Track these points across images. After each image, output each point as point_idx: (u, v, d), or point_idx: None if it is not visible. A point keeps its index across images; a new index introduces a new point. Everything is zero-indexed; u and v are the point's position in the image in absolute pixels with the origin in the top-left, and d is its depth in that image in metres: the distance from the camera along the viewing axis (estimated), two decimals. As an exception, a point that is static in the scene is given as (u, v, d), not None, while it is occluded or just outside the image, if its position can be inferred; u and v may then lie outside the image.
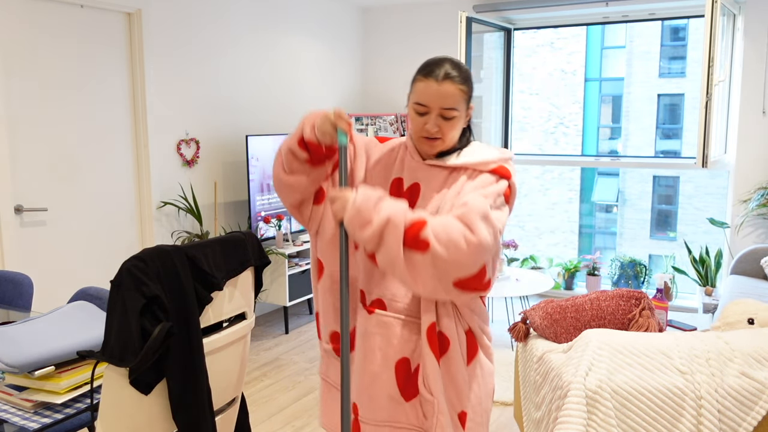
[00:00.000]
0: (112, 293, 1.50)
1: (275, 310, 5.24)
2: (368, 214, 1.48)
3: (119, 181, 3.92)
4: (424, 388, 1.59)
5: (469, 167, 1.61)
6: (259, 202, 4.54)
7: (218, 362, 1.79)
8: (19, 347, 1.71)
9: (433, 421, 1.59)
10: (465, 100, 1.59)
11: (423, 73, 1.58)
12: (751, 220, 4.74)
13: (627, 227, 17.66)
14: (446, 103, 1.55)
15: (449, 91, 1.55)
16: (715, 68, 3.98)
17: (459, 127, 1.61)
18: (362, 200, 1.49)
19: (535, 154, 14.84)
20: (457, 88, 1.56)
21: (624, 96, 18.08)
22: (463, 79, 1.57)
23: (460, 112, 1.58)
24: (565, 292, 5.57)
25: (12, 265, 3.33)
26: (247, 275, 1.86)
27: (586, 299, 2.44)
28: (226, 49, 4.55)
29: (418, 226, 1.46)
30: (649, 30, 17.54)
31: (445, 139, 1.59)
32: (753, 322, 2.30)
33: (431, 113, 1.57)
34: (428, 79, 1.55)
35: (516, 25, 5.63)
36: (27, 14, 3.37)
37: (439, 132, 1.58)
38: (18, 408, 1.67)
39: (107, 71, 3.80)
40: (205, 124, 4.43)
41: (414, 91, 1.59)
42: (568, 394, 1.99)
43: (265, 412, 3.40)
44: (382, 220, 1.47)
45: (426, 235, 1.45)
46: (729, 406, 1.97)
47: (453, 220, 1.47)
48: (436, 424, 1.59)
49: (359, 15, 5.99)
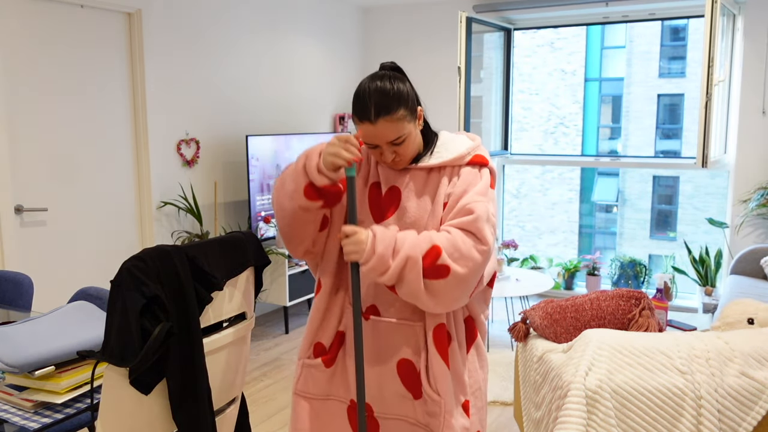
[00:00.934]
0: (112, 293, 1.50)
1: (275, 310, 5.24)
2: (387, 261, 1.47)
3: (119, 181, 3.92)
4: (430, 388, 1.60)
5: (447, 165, 1.62)
6: (259, 202, 4.54)
7: (218, 362, 1.79)
8: (19, 347, 1.71)
9: (440, 421, 1.59)
10: (408, 119, 1.55)
11: (357, 115, 1.55)
12: (751, 220, 4.74)
13: (627, 227, 17.66)
14: (390, 137, 1.54)
15: (388, 128, 1.52)
16: (715, 68, 3.98)
17: (414, 141, 1.60)
18: (382, 249, 1.47)
19: (535, 154, 14.84)
20: (394, 120, 1.52)
21: (624, 96, 18.08)
22: (397, 104, 1.52)
23: (408, 132, 1.56)
24: (565, 292, 5.57)
25: (12, 265, 3.33)
26: (247, 275, 1.86)
27: (586, 299, 2.44)
28: (226, 49, 4.55)
29: (434, 254, 1.47)
30: (649, 30, 17.54)
31: (405, 158, 1.60)
32: (753, 322, 2.30)
33: (381, 147, 1.57)
34: (363, 123, 1.53)
35: (516, 25, 5.63)
36: (27, 14, 3.37)
37: (396, 156, 1.58)
38: (18, 408, 1.67)
39: (107, 71, 3.80)
40: (205, 124, 4.43)
41: (358, 131, 1.57)
42: (568, 394, 1.99)
43: (265, 412, 3.40)
44: (401, 261, 1.47)
45: (443, 260, 1.46)
46: (729, 406, 1.97)
47: (461, 236, 1.49)
48: (444, 425, 1.59)
49: (359, 15, 5.99)
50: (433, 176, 1.62)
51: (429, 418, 1.62)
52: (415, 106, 1.59)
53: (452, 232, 1.50)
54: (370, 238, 1.48)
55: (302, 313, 5.18)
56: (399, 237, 1.49)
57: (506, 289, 4.25)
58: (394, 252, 1.48)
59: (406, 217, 1.61)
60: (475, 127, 5.48)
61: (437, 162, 1.61)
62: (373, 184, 1.67)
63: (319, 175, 1.51)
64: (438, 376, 1.58)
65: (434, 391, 1.59)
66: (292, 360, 4.15)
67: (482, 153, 1.63)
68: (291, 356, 4.22)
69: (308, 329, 1.73)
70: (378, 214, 1.64)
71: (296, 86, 5.26)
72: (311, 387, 1.73)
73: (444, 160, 1.61)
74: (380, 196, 1.65)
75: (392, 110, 1.51)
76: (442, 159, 1.61)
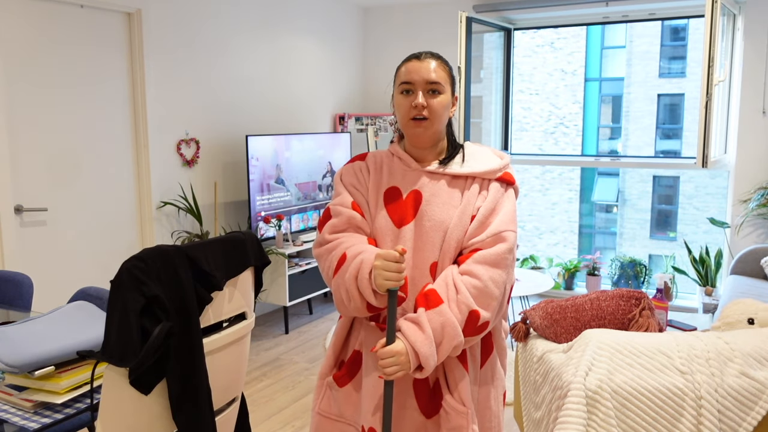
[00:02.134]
0: (112, 293, 1.50)
1: (275, 310, 5.24)
2: (433, 359, 1.48)
3: (119, 181, 3.92)
4: (453, 400, 1.55)
5: (477, 176, 1.60)
6: (259, 202, 4.54)
7: (218, 362, 1.79)
8: (19, 347, 1.71)
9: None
10: (449, 82, 1.60)
11: (405, 60, 1.61)
12: (751, 220, 4.74)
13: (627, 227, 17.66)
14: (431, 76, 1.56)
15: (433, 66, 1.57)
16: (715, 68, 3.98)
17: (445, 113, 1.60)
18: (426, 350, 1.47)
19: (535, 154, 14.83)
20: (440, 64, 1.59)
21: (624, 96, 18.07)
22: (445, 62, 1.62)
23: (446, 93, 1.58)
24: (565, 292, 5.57)
25: (12, 265, 3.33)
26: (247, 275, 1.86)
27: (586, 299, 2.44)
28: (226, 48, 4.55)
29: (473, 320, 1.49)
30: (649, 30, 17.53)
31: (433, 121, 1.57)
32: (753, 322, 2.30)
33: (417, 90, 1.56)
34: (410, 61, 1.59)
35: (516, 25, 5.63)
36: (27, 14, 3.37)
37: (427, 110, 1.56)
38: (18, 408, 1.67)
39: (107, 71, 3.80)
40: (205, 124, 4.43)
41: (398, 77, 1.61)
42: (568, 394, 1.99)
43: (265, 412, 3.40)
44: (446, 350, 1.50)
45: (482, 319, 1.51)
46: (729, 406, 1.97)
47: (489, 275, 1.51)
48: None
49: (359, 15, 5.99)
50: (458, 184, 1.60)
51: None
52: (454, 89, 1.63)
53: (482, 277, 1.51)
54: (410, 350, 1.48)
55: (302, 313, 5.18)
56: (435, 328, 1.48)
57: (506, 289, 4.25)
58: (438, 348, 1.49)
59: (425, 221, 1.57)
60: (475, 127, 5.48)
61: (467, 171, 1.60)
62: (390, 189, 1.63)
63: (377, 299, 1.51)
64: (460, 386, 1.55)
65: (459, 401, 1.55)
66: (292, 360, 4.15)
67: (512, 172, 1.64)
68: (291, 356, 4.22)
69: (332, 348, 1.70)
70: (397, 218, 1.60)
71: (296, 86, 5.26)
72: (333, 407, 1.70)
73: (475, 171, 1.60)
74: (400, 199, 1.61)
75: (440, 59, 1.61)
76: (473, 169, 1.60)
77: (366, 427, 1.61)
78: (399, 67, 1.61)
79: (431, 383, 1.60)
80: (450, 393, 1.56)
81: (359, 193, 1.66)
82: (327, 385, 1.71)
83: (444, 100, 1.57)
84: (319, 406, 1.71)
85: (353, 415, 1.67)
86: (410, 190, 1.61)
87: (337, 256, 1.56)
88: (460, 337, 1.48)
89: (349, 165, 1.70)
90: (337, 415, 1.69)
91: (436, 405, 1.59)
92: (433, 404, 1.59)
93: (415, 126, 1.57)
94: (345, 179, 1.68)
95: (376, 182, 1.65)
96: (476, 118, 5.51)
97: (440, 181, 1.61)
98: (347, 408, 1.67)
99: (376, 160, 1.69)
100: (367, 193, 1.65)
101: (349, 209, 1.62)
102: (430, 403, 1.59)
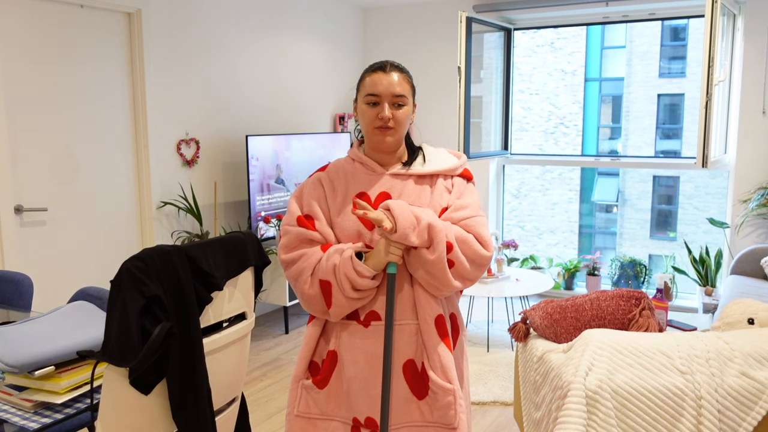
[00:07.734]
0: (112, 293, 1.50)
1: (275, 310, 5.24)
2: (414, 237, 1.56)
3: (119, 181, 3.92)
4: (439, 378, 1.62)
5: (440, 173, 1.72)
6: (259, 202, 4.54)
7: (218, 362, 1.79)
8: (19, 347, 1.71)
9: (455, 409, 1.61)
10: (411, 93, 1.67)
11: (369, 70, 1.67)
12: (751, 220, 4.74)
13: (627, 227, 17.65)
14: (396, 90, 1.63)
15: (397, 79, 1.64)
16: (715, 68, 3.98)
17: (408, 122, 1.69)
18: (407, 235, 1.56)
19: (535, 154, 14.83)
20: (404, 77, 1.66)
21: (624, 96, 18.07)
22: (407, 73, 1.69)
23: (408, 104, 1.66)
24: (565, 292, 5.57)
25: (12, 265, 3.33)
26: (247, 275, 1.86)
27: (586, 299, 2.44)
28: (226, 49, 4.55)
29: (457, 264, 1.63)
30: (649, 30, 17.53)
31: (397, 129, 1.65)
32: (753, 322, 2.30)
33: (383, 102, 1.63)
34: (376, 72, 1.65)
35: (516, 25, 5.63)
36: (27, 14, 3.37)
37: (393, 121, 1.64)
38: (18, 408, 1.67)
39: (107, 71, 3.80)
40: (205, 124, 4.43)
41: (363, 87, 1.66)
42: (568, 394, 1.99)
43: (265, 412, 3.40)
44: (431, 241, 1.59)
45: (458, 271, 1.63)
46: (729, 406, 1.97)
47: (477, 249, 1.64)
48: (459, 410, 1.62)
49: (359, 15, 5.99)
50: (424, 182, 1.71)
51: (441, 412, 1.62)
52: (414, 97, 1.71)
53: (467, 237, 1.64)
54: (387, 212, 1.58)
55: (302, 313, 5.18)
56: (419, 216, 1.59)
57: (506, 289, 4.25)
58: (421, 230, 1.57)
59: None
60: (475, 127, 5.47)
61: (432, 169, 1.71)
62: (357, 195, 1.69)
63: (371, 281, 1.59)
64: (445, 364, 1.62)
65: (445, 379, 1.62)
66: (292, 360, 4.15)
67: (468, 168, 1.78)
68: (291, 356, 4.22)
69: (303, 352, 1.73)
70: (369, 221, 1.65)
71: (296, 86, 5.26)
72: (312, 408, 1.72)
73: (439, 169, 1.71)
74: (369, 203, 1.67)
75: (404, 71, 1.69)
76: (436, 167, 1.71)
77: (361, 418, 1.66)
78: (364, 76, 1.68)
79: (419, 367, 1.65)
80: (434, 371, 1.62)
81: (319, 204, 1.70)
82: (303, 388, 1.73)
83: (407, 111, 1.67)
84: (298, 409, 1.74)
85: (337, 411, 1.70)
86: (378, 193, 1.68)
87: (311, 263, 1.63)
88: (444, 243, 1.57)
89: (309, 180, 1.75)
90: (319, 414, 1.72)
91: (425, 386, 1.65)
92: (422, 386, 1.65)
93: (381, 133, 1.65)
94: (305, 192, 1.73)
95: (342, 190, 1.70)
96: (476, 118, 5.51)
97: (406, 181, 1.69)
98: (329, 405, 1.70)
99: (338, 169, 1.74)
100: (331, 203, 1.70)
101: (295, 227, 1.67)
102: (420, 385, 1.65)
